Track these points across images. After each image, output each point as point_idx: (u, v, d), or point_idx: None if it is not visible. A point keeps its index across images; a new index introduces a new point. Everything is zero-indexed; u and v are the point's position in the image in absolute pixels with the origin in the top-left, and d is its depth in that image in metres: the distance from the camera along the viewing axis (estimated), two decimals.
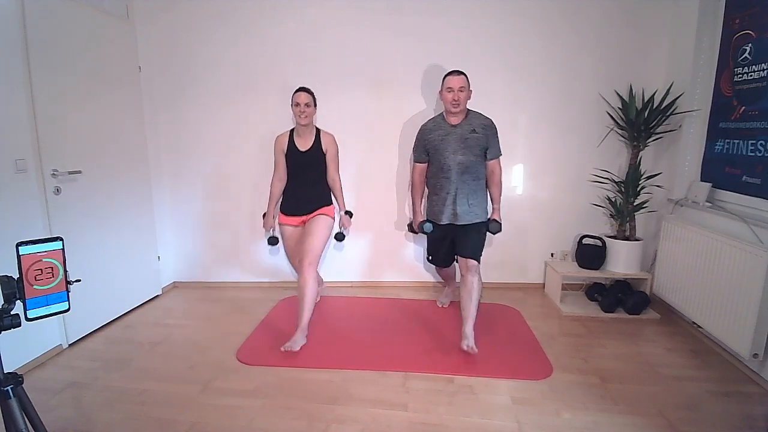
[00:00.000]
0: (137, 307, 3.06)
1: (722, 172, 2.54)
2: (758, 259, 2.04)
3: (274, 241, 2.87)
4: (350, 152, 3.19)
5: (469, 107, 2.59)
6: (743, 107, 2.37)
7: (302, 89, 2.61)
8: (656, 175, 2.96)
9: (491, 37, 3.06)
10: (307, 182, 2.71)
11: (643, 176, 2.93)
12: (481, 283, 2.52)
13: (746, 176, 2.34)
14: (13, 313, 1.07)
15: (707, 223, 2.54)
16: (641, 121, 2.86)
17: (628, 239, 2.99)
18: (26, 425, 1.12)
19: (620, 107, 3.03)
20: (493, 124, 2.59)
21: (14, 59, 2.17)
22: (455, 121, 2.56)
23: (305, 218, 2.71)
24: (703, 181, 2.69)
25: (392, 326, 2.72)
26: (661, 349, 2.46)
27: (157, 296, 3.27)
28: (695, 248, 2.49)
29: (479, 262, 2.52)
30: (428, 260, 2.92)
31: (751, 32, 2.33)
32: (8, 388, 1.09)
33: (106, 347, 2.52)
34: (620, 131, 3.09)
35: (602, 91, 3.08)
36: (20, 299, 1.06)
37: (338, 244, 3.23)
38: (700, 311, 2.44)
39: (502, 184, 2.71)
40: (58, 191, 2.39)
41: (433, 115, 2.85)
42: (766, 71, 2.21)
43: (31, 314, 1.08)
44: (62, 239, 1.12)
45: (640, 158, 2.99)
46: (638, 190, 2.94)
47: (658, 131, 2.88)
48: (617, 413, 1.89)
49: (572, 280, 3.26)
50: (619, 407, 1.93)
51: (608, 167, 3.15)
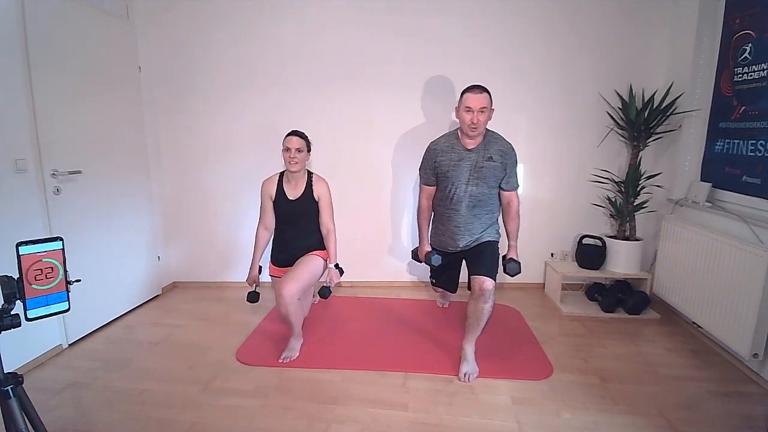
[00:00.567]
0: (137, 307, 3.06)
1: (722, 172, 2.54)
2: (758, 259, 2.04)
3: (254, 297, 2.42)
4: (350, 152, 3.19)
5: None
6: (743, 107, 2.37)
7: (294, 133, 2.35)
8: (656, 175, 2.96)
9: (491, 37, 3.05)
10: (299, 233, 2.44)
11: (643, 176, 2.93)
12: (493, 308, 2.15)
13: (746, 176, 2.34)
14: (13, 313, 1.07)
15: (707, 223, 2.54)
16: (641, 121, 2.86)
17: (628, 239, 2.99)
18: (26, 425, 1.12)
19: (620, 107, 3.03)
20: (512, 150, 2.30)
21: (14, 59, 2.16)
22: (471, 144, 2.25)
23: None
24: (703, 181, 2.69)
25: (392, 326, 2.72)
26: (661, 349, 2.47)
27: (157, 296, 3.26)
28: (695, 248, 2.49)
29: (495, 280, 2.14)
30: (432, 283, 2.77)
31: (751, 32, 2.33)
32: (8, 388, 1.09)
33: (106, 347, 2.52)
34: (620, 131, 3.08)
35: (602, 91, 3.08)
36: (20, 299, 1.07)
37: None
38: (700, 311, 2.44)
39: (519, 217, 2.39)
40: (57, 191, 2.38)
41: (432, 128, 2.68)
42: (766, 71, 2.21)
43: (31, 314, 1.08)
44: (62, 239, 1.12)
45: (640, 158, 2.99)
46: (638, 190, 2.94)
47: (658, 131, 2.88)
48: (617, 413, 1.89)
49: (572, 280, 3.25)
50: (619, 407, 1.93)
51: (608, 167, 3.15)
